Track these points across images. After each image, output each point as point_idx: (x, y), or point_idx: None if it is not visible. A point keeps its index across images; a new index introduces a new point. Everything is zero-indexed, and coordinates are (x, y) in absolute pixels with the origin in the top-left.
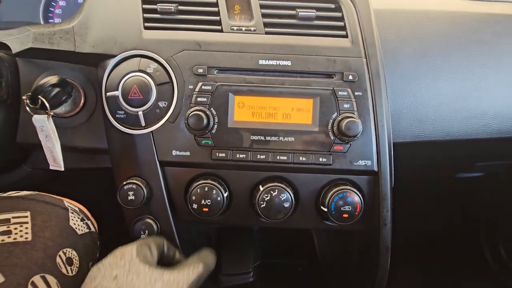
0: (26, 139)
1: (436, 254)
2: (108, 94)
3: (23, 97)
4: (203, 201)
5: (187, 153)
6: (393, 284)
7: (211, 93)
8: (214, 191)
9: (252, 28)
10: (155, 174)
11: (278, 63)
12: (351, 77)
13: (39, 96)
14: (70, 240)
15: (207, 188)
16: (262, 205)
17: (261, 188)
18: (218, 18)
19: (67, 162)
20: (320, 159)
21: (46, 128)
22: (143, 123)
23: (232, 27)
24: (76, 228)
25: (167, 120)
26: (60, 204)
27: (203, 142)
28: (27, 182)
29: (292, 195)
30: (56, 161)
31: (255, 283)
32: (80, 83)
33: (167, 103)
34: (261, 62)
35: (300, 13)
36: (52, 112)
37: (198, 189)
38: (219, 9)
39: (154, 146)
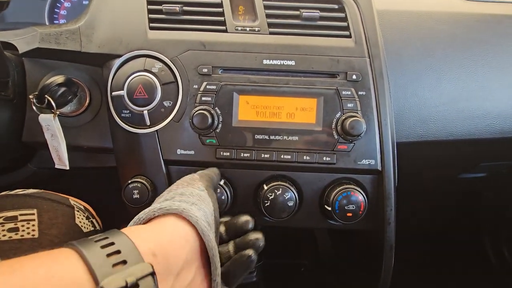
0: (32, 138)
1: (439, 254)
2: (114, 93)
3: (30, 96)
4: None
5: (192, 152)
6: (395, 284)
7: (215, 92)
8: (218, 190)
9: (256, 29)
10: (159, 172)
11: (282, 63)
12: (354, 76)
13: (46, 95)
14: (76, 238)
15: None
16: (266, 203)
17: (265, 187)
18: (222, 19)
19: (71, 161)
20: (324, 158)
21: (52, 127)
22: (148, 122)
23: (236, 28)
24: (81, 226)
25: (172, 119)
26: (66, 202)
27: (208, 141)
28: (32, 181)
29: (296, 194)
30: (61, 160)
31: (258, 283)
32: (86, 82)
33: (172, 102)
34: (265, 62)
35: (304, 13)
36: (58, 111)
37: None
38: (223, 9)
39: (159, 145)
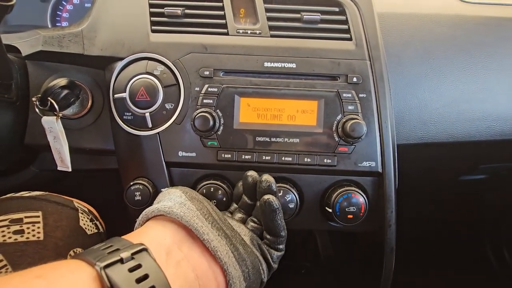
0: (34, 140)
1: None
2: (116, 96)
3: (33, 98)
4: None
5: (193, 154)
6: (396, 285)
7: (217, 95)
8: (220, 192)
9: (258, 31)
10: (161, 174)
11: (283, 66)
12: (355, 79)
13: (49, 98)
14: (80, 240)
15: (212, 189)
16: None
17: None
18: (224, 22)
19: (74, 163)
20: (324, 160)
21: (55, 129)
22: (150, 125)
23: (237, 30)
24: (86, 228)
25: (173, 121)
26: (70, 204)
27: (209, 143)
28: (34, 183)
29: (297, 196)
30: (64, 162)
31: None
32: (88, 85)
33: (173, 104)
34: (266, 64)
35: (304, 16)
36: (61, 113)
37: (204, 189)
38: (225, 12)
39: (160, 147)
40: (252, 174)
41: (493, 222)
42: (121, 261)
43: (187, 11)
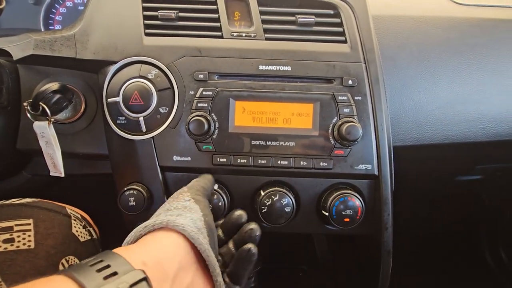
0: (26, 145)
1: (437, 257)
2: (109, 100)
3: (24, 103)
4: None
5: (188, 158)
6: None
7: (211, 98)
8: (215, 196)
9: (252, 34)
10: (156, 179)
11: (278, 69)
12: (350, 82)
13: (40, 103)
14: (72, 247)
15: None
16: (264, 210)
17: (262, 193)
18: (218, 25)
19: (67, 168)
20: (320, 164)
21: (47, 134)
22: (144, 129)
23: (232, 33)
24: (78, 235)
25: (168, 125)
26: (63, 211)
27: (204, 147)
28: (27, 188)
29: (293, 200)
30: (56, 167)
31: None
32: (81, 89)
33: (168, 108)
34: (261, 67)
35: (299, 19)
36: (53, 118)
37: None
38: (219, 15)
39: (155, 151)
40: (240, 214)
41: (489, 223)
42: None
43: (181, 14)
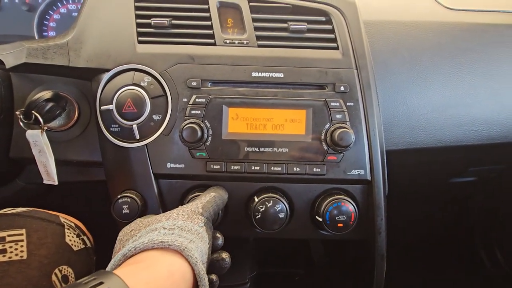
0: (19, 154)
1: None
2: (102, 107)
3: (17, 112)
4: None
5: (182, 165)
6: None
7: (205, 105)
8: None
9: (245, 41)
10: (149, 186)
11: (271, 75)
12: (342, 88)
13: (33, 111)
14: (65, 257)
15: None
16: (257, 216)
17: (256, 199)
18: (211, 32)
19: (61, 175)
20: (314, 169)
21: (40, 143)
22: (137, 136)
23: (225, 41)
24: (72, 244)
25: (161, 133)
26: (56, 220)
27: (198, 154)
28: (20, 196)
29: (287, 206)
30: (50, 175)
31: None
32: (74, 96)
33: (161, 116)
34: (254, 74)
35: (291, 26)
36: (46, 126)
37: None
38: (212, 22)
39: (148, 159)
40: (225, 256)
41: (484, 223)
42: None
43: (174, 21)
